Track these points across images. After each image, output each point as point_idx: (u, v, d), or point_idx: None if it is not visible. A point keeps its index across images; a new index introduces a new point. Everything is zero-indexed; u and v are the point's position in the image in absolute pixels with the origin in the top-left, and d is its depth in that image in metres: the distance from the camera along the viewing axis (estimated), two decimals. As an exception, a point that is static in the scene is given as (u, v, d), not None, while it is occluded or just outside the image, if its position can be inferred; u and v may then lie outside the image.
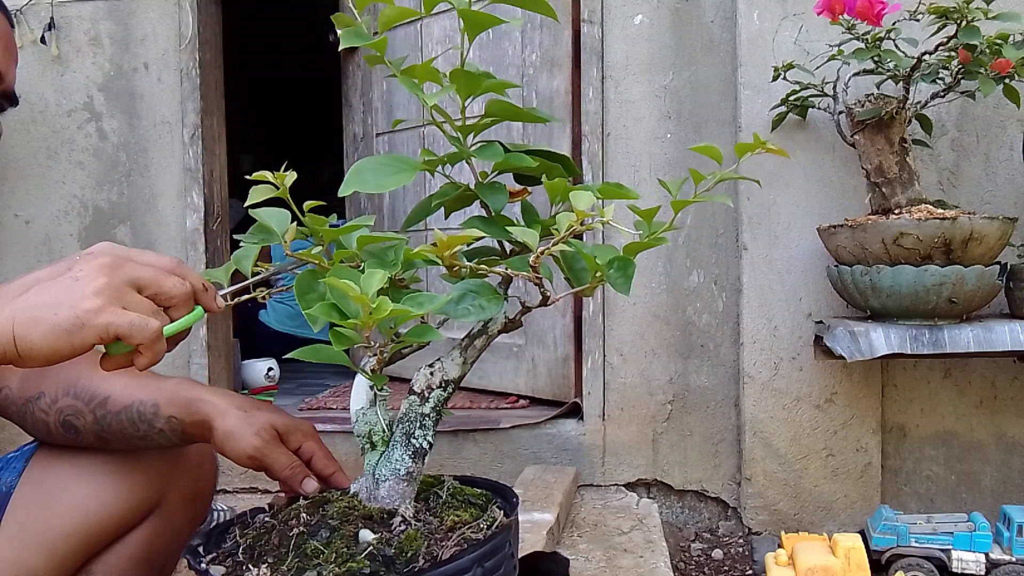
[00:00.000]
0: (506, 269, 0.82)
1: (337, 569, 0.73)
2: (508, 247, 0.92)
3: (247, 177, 0.79)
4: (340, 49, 0.80)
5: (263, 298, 0.86)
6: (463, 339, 0.88)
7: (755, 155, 1.87)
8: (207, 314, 0.73)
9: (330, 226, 0.82)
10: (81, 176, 2.27)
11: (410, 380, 0.86)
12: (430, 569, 0.73)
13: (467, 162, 0.86)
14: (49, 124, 2.28)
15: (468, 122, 0.84)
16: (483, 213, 0.90)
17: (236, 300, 0.81)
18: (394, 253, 0.80)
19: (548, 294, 0.82)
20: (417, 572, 0.73)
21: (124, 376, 0.94)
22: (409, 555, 0.75)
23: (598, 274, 0.80)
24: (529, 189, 0.93)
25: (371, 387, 0.85)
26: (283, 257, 0.85)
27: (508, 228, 0.81)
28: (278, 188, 0.77)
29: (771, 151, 0.86)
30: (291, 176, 0.77)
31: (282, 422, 0.92)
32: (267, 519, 0.86)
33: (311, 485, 0.88)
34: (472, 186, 0.88)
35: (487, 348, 0.91)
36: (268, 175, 0.78)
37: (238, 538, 0.82)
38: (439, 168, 0.87)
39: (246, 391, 2.51)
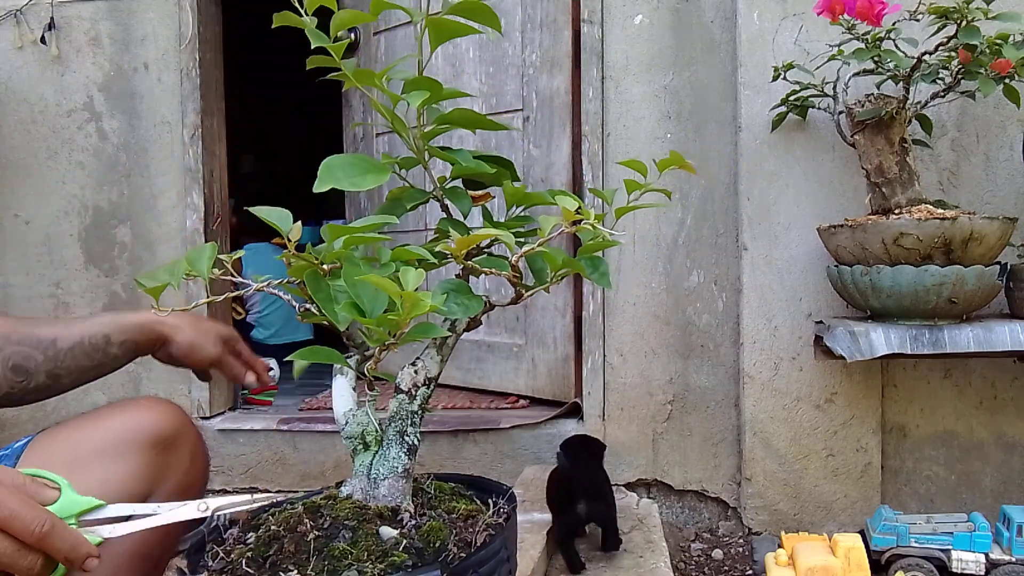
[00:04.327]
0: (509, 271, 0.83)
1: (379, 565, 0.73)
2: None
3: (247, 208, 0.79)
4: (312, 47, 0.81)
5: (242, 313, 0.87)
6: (436, 338, 0.90)
7: (755, 155, 1.87)
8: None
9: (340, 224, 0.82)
10: (81, 176, 2.27)
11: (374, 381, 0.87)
12: (473, 554, 0.76)
13: (424, 167, 0.88)
14: (49, 124, 2.28)
15: (429, 128, 0.87)
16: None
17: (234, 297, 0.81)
18: (386, 253, 0.81)
19: (523, 292, 0.85)
20: (459, 560, 0.75)
21: (58, 321, 1.07)
22: (437, 545, 0.76)
23: (560, 272, 0.85)
24: (492, 193, 0.96)
25: (354, 388, 0.86)
26: (259, 266, 0.86)
27: (492, 231, 0.83)
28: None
29: (686, 167, 0.91)
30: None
31: (225, 332, 1.13)
32: (240, 532, 0.84)
33: (251, 377, 1.15)
34: (435, 190, 0.92)
35: (486, 348, 0.92)
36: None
37: (223, 554, 0.80)
38: (398, 170, 0.90)
39: (246, 391, 2.51)
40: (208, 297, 0.86)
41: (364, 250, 0.82)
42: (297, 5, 0.79)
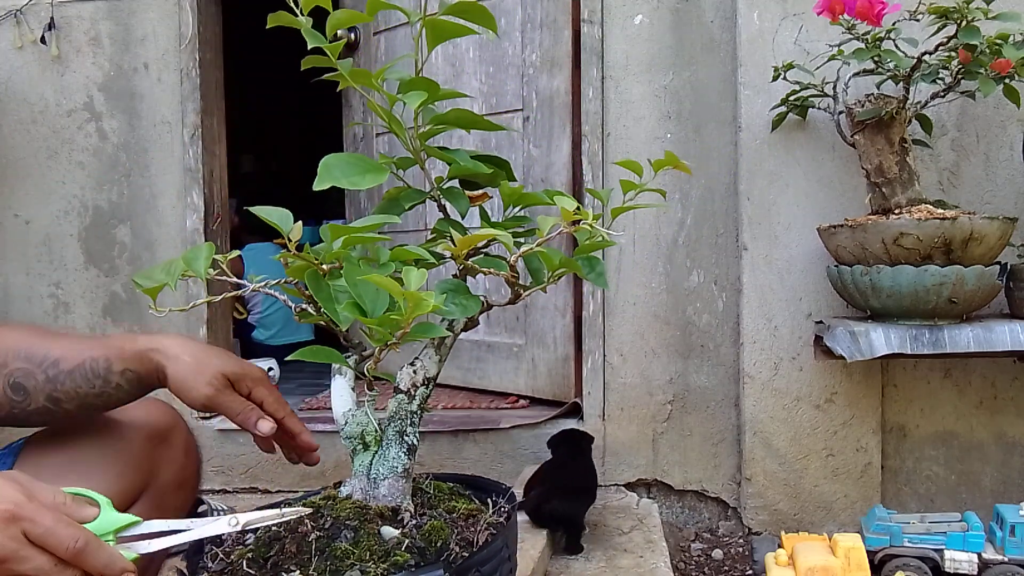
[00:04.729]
0: (508, 271, 0.83)
1: (382, 565, 0.73)
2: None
3: (247, 208, 0.79)
4: (309, 48, 0.81)
5: (244, 313, 0.86)
6: (434, 338, 0.90)
7: (755, 155, 1.87)
8: None
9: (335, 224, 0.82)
10: (81, 176, 2.27)
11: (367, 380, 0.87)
12: (476, 553, 0.76)
13: (421, 167, 0.88)
14: (49, 124, 2.28)
15: (425, 129, 0.87)
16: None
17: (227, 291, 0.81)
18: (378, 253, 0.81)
19: (520, 292, 0.86)
20: (462, 559, 0.75)
21: (69, 339, 0.98)
22: (439, 544, 0.76)
23: (557, 272, 0.85)
24: (489, 194, 0.96)
25: (352, 388, 0.86)
26: (259, 266, 0.85)
27: (490, 231, 0.83)
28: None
29: (680, 167, 0.91)
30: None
31: (232, 370, 0.94)
32: (239, 534, 0.83)
33: (266, 425, 0.93)
34: (433, 190, 0.92)
35: (486, 348, 0.93)
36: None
37: (223, 555, 0.80)
38: (395, 170, 0.90)
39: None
40: (207, 297, 0.87)
41: (362, 250, 0.82)
42: (292, 5, 0.79)
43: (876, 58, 1.59)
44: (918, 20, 1.53)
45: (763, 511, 1.90)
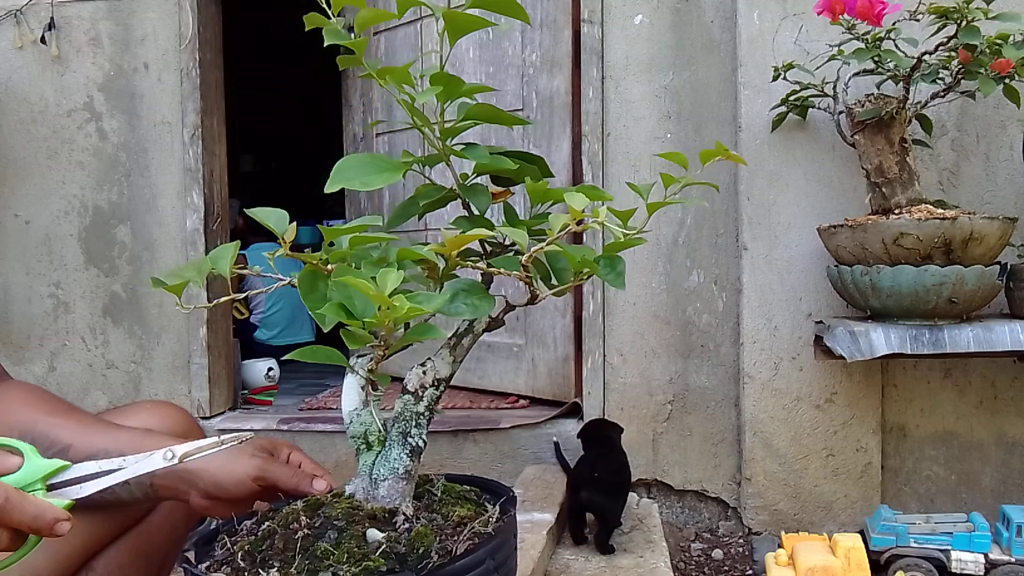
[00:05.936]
0: (521, 271, 0.82)
1: (354, 569, 0.73)
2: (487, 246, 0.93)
3: (246, 211, 0.79)
4: (325, 45, 0.81)
5: (245, 314, 0.86)
6: (450, 338, 0.89)
7: (755, 155, 1.87)
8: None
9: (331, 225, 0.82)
10: (81, 176, 2.27)
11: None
12: (449, 563, 0.74)
13: (447, 164, 0.87)
14: (49, 124, 2.28)
15: (449, 125, 0.86)
16: (457, 213, 0.91)
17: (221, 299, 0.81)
18: (387, 252, 0.80)
19: (537, 292, 0.84)
20: (435, 568, 0.73)
21: (83, 424, 0.91)
22: (420, 551, 0.76)
23: (585, 271, 0.82)
24: (511, 190, 0.95)
25: (362, 387, 0.85)
26: (262, 261, 0.85)
27: (501, 229, 0.82)
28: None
29: (732, 158, 0.88)
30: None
31: (267, 441, 0.94)
32: (254, 524, 0.84)
33: (321, 484, 0.89)
34: (454, 187, 0.90)
35: (486, 348, 0.92)
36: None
37: (230, 546, 0.81)
38: (421, 169, 0.89)
39: (246, 391, 2.51)
40: (207, 297, 0.86)
41: (364, 251, 0.81)
42: (325, 6, 0.79)
43: (876, 58, 1.59)
44: (918, 20, 1.53)
45: (763, 511, 1.90)
